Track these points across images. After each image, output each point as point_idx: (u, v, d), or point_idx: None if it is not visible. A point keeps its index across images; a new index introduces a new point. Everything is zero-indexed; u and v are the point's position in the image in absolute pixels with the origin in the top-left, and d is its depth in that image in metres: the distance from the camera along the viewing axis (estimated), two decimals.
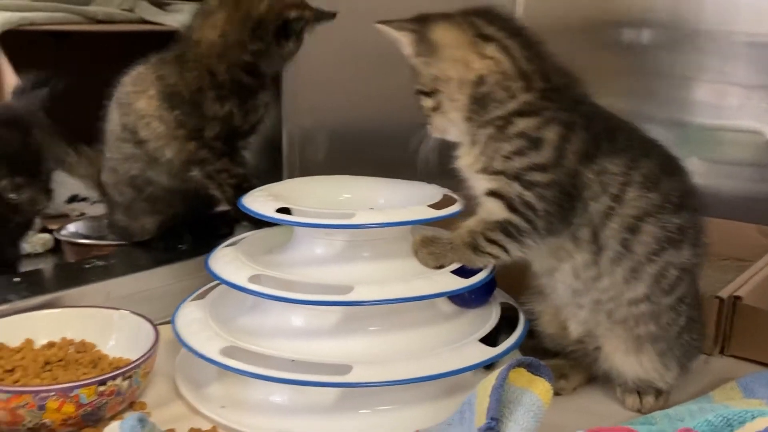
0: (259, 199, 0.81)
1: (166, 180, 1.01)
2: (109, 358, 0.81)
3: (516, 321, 0.83)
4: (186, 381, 0.80)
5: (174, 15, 1.56)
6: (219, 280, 0.78)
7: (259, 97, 0.99)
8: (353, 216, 0.75)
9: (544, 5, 1.33)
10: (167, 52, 0.99)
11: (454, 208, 0.80)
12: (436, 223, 0.82)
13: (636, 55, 1.27)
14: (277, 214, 0.77)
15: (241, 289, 0.75)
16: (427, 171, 0.82)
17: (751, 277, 0.94)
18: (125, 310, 0.84)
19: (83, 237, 1.23)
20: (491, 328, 0.79)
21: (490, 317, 0.81)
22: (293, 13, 0.93)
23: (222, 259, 0.81)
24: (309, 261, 0.80)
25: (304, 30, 0.96)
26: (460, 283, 0.76)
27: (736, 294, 0.89)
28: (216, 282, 0.82)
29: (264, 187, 0.87)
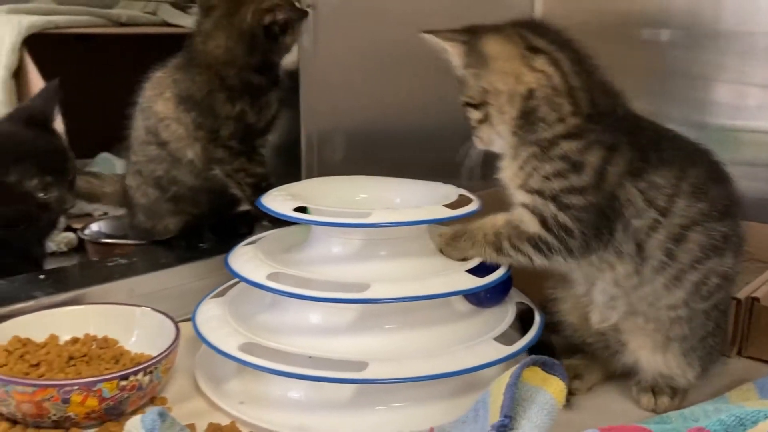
0: (277, 199, 0.83)
1: (190, 179, 1.03)
2: (131, 353, 0.83)
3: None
4: (206, 377, 0.81)
5: (196, 17, 1.58)
6: (238, 277, 0.80)
7: (270, 94, 1.01)
8: (369, 215, 0.76)
9: (562, 6, 1.34)
10: (180, 57, 1.01)
11: (470, 207, 0.81)
12: (451, 223, 0.83)
13: (654, 55, 1.27)
14: (294, 213, 0.78)
15: (260, 287, 0.76)
16: (470, 182, 0.83)
17: None
18: (147, 307, 0.85)
19: (106, 236, 1.25)
20: (507, 326, 0.80)
21: (505, 316, 0.82)
22: (267, 18, 0.97)
23: (241, 258, 0.82)
24: (326, 259, 0.81)
25: (289, 27, 0.99)
26: (475, 281, 0.77)
27: (753, 295, 0.88)
28: (236, 280, 0.83)
29: (283, 186, 0.89)
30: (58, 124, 1.08)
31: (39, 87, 1.24)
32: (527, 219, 0.77)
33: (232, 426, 0.73)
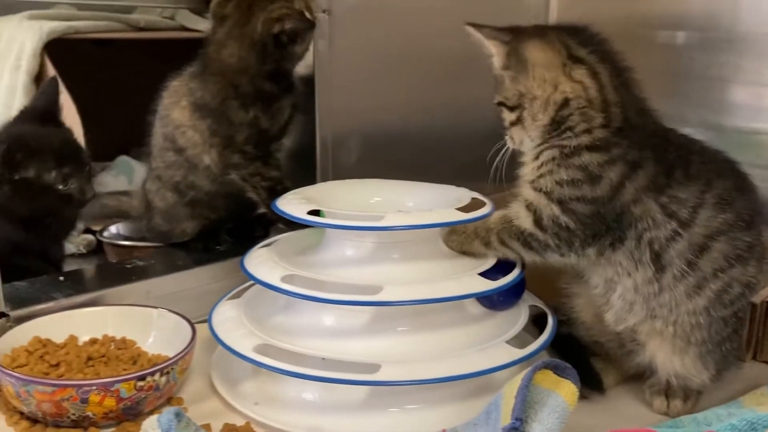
0: (292, 202, 0.83)
1: (207, 184, 1.04)
2: (149, 354, 0.84)
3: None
4: (221, 378, 0.82)
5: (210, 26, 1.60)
6: (253, 279, 0.81)
7: (283, 100, 1.02)
8: (382, 218, 0.77)
9: (577, 6, 1.33)
10: (195, 66, 1.03)
11: (483, 210, 0.81)
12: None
13: (671, 56, 1.26)
14: (308, 216, 0.79)
15: (274, 289, 0.77)
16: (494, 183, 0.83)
17: None
18: (164, 309, 0.86)
19: (124, 238, 1.26)
20: (519, 329, 0.80)
21: (518, 319, 0.82)
22: (276, 27, 0.97)
23: (256, 260, 0.83)
24: (340, 262, 0.82)
25: (298, 36, 0.99)
26: (487, 284, 0.77)
27: None
28: (251, 282, 0.84)
29: (297, 190, 0.90)
30: (77, 128, 1.11)
31: (60, 92, 1.26)
32: (523, 215, 0.78)
33: (246, 426, 0.74)
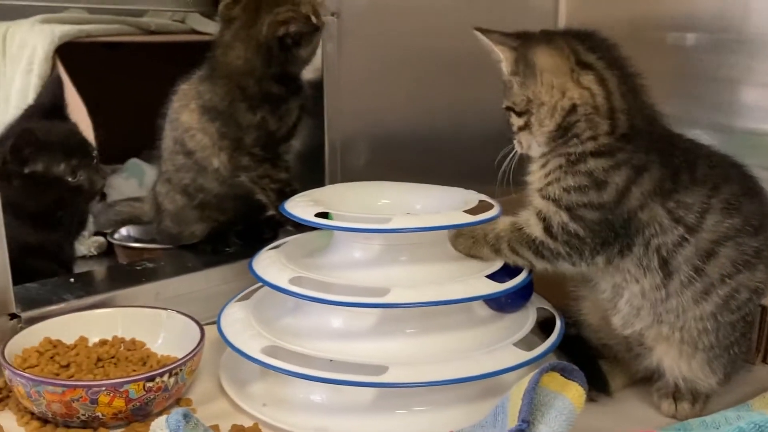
0: (300, 204, 0.84)
1: (216, 187, 1.05)
2: (158, 356, 0.84)
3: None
4: (230, 379, 0.83)
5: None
6: (261, 281, 0.81)
7: (290, 102, 1.02)
8: (390, 221, 0.77)
9: (587, 7, 1.33)
10: (204, 69, 1.03)
11: (490, 213, 0.81)
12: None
13: (681, 58, 1.26)
14: (316, 218, 0.79)
15: (282, 291, 0.78)
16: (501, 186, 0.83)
17: None
18: (173, 310, 0.87)
19: (135, 240, 1.27)
20: (527, 332, 0.80)
21: (526, 322, 0.82)
22: (281, 30, 0.97)
23: (264, 262, 0.83)
24: (347, 264, 0.82)
25: (303, 39, 0.99)
26: (495, 287, 0.77)
27: None
28: (260, 284, 0.84)
29: (306, 192, 0.90)
30: (87, 131, 1.12)
31: (72, 95, 1.28)
32: (533, 223, 0.78)
33: (254, 428, 0.75)
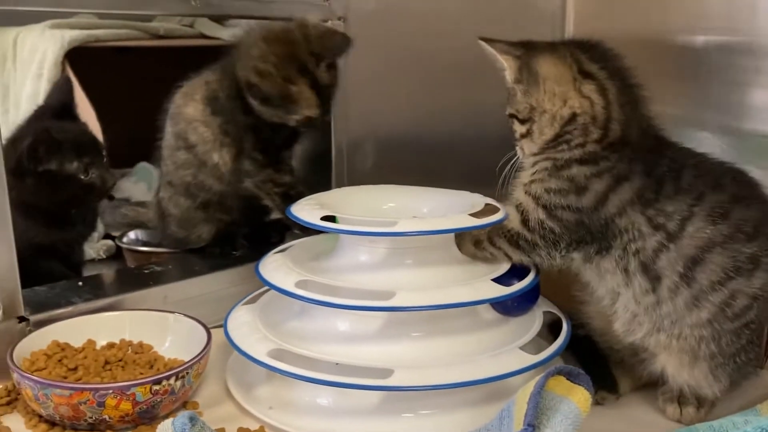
0: (306, 208, 0.84)
1: (217, 184, 1.05)
2: (165, 359, 0.85)
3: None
4: (236, 382, 0.83)
5: (232, 30, 1.61)
6: (268, 285, 0.81)
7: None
8: (395, 224, 0.77)
9: (595, 11, 1.33)
10: (218, 65, 1.04)
11: (496, 216, 0.81)
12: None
13: (689, 61, 1.25)
14: (322, 222, 0.80)
15: (289, 294, 0.78)
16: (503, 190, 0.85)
17: None
18: (180, 314, 0.87)
19: (143, 244, 1.28)
20: (533, 335, 0.80)
21: (532, 325, 0.82)
22: (251, 78, 0.95)
23: (271, 265, 0.83)
24: (353, 267, 0.82)
25: (270, 102, 0.96)
26: (500, 290, 0.77)
27: None
28: (266, 287, 0.85)
29: (312, 196, 0.90)
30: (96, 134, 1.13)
31: (81, 99, 1.29)
32: (513, 215, 0.80)
33: (261, 431, 0.75)
